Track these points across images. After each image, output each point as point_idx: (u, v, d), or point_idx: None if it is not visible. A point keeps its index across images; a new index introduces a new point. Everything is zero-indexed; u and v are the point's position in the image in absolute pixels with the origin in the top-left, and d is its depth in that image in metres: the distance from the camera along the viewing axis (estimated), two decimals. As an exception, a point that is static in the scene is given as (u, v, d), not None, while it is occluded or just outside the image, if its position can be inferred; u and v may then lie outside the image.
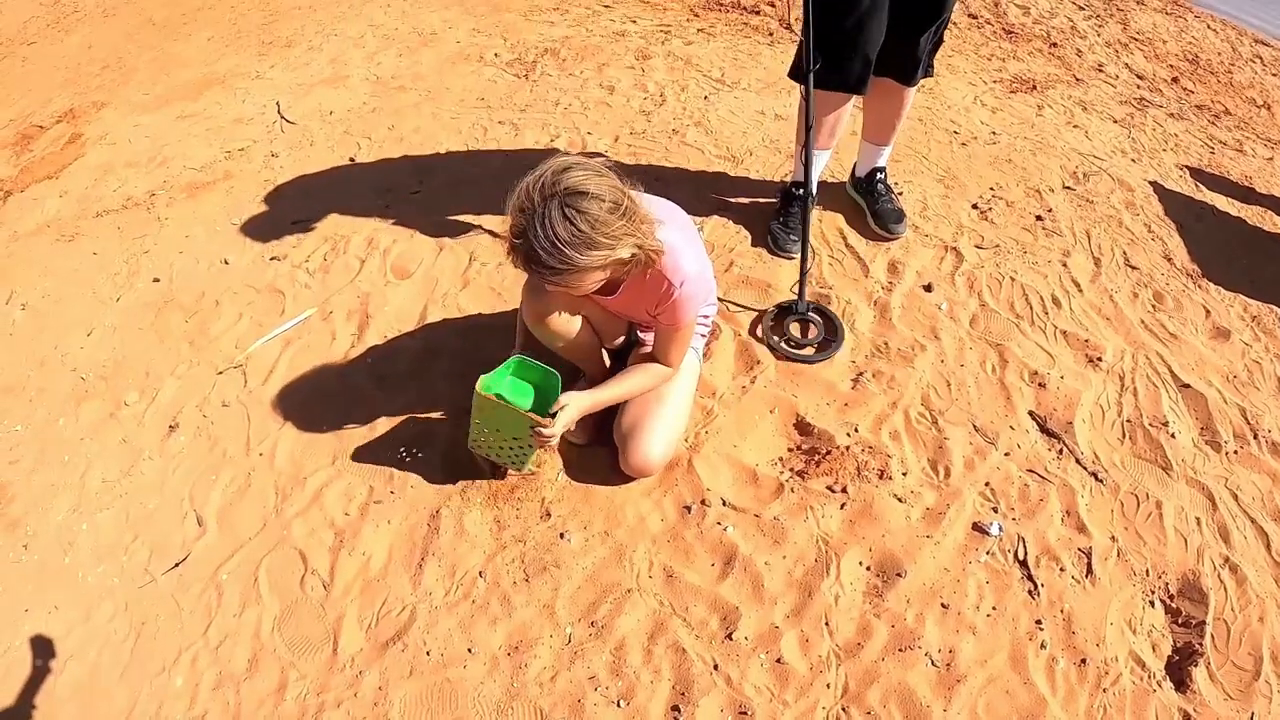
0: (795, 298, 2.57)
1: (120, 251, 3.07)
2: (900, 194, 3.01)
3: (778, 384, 2.35)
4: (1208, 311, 2.62)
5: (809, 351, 2.44)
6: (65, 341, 2.69)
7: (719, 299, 2.53)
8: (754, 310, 2.58)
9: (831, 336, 2.48)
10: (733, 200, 3.05)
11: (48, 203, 3.50)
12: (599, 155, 3.35)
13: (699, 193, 3.09)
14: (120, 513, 2.16)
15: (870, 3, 2.29)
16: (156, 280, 2.90)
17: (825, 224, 2.91)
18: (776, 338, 2.47)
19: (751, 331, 2.51)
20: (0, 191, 3.67)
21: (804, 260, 2.57)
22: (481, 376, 1.90)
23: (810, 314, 2.54)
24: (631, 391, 2.00)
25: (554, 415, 1.85)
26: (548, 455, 2.19)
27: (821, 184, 2.92)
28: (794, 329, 2.50)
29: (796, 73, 2.52)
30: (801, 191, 2.81)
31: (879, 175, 2.89)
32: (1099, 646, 1.78)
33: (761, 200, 3.03)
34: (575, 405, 1.89)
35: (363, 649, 1.84)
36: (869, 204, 2.90)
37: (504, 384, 1.99)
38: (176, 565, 2.02)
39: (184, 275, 2.90)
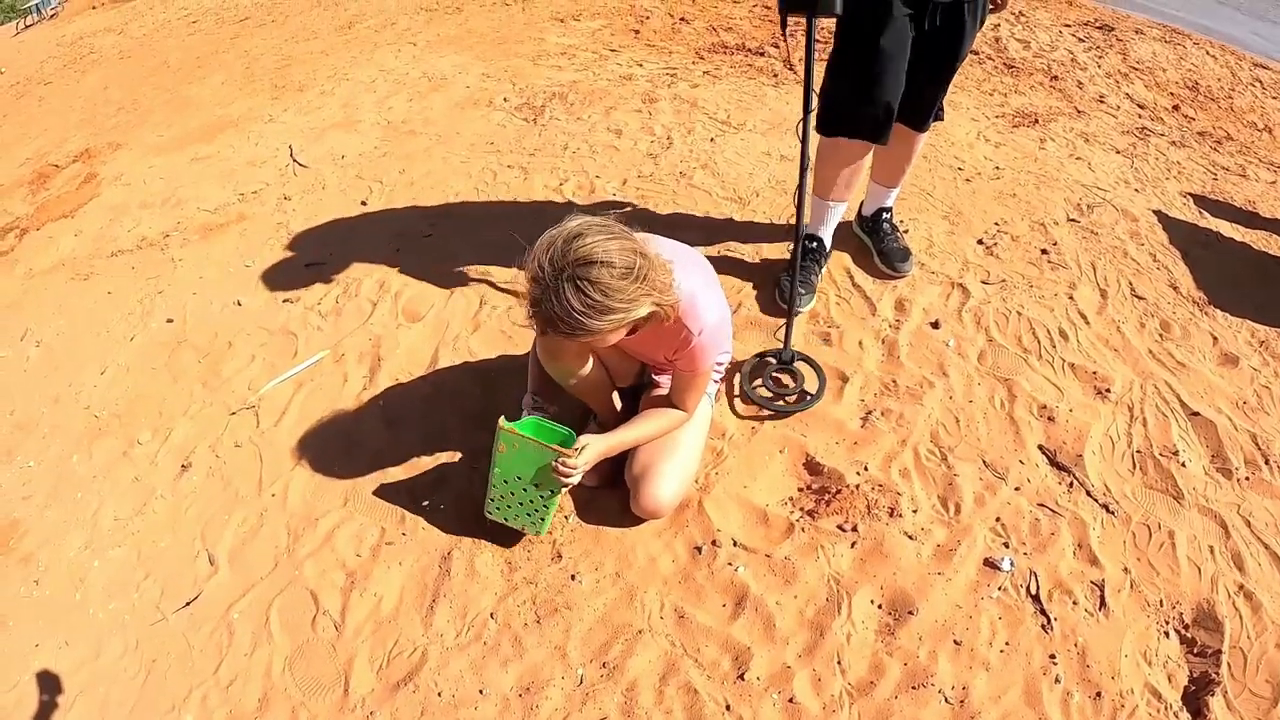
0: (780, 346, 2.54)
1: (134, 291, 3.11)
2: (906, 232, 3.04)
3: (787, 424, 2.36)
4: (1215, 339, 2.62)
5: (784, 403, 2.42)
6: (79, 379, 2.72)
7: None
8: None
9: (812, 390, 2.44)
10: (741, 242, 3.09)
11: (63, 241, 3.55)
12: (616, 204, 3.39)
13: (707, 235, 3.12)
14: (132, 550, 2.17)
15: (892, 50, 2.28)
16: (170, 320, 2.93)
17: (832, 263, 2.93)
18: (753, 384, 2.45)
19: (729, 381, 2.49)
20: (16, 230, 3.73)
21: (791, 304, 2.51)
22: (503, 418, 1.92)
23: (795, 364, 2.50)
24: (648, 436, 2.01)
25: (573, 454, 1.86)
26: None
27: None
28: (775, 378, 2.48)
29: (818, 123, 2.50)
30: (815, 245, 2.81)
31: (885, 215, 2.91)
32: (1114, 679, 1.76)
33: (769, 241, 3.06)
34: (594, 448, 1.90)
35: (374, 690, 1.83)
36: (875, 243, 2.92)
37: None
38: (188, 604, 2.02)
39: (197, 316, 2.94)
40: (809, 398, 2.41)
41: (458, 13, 6.38)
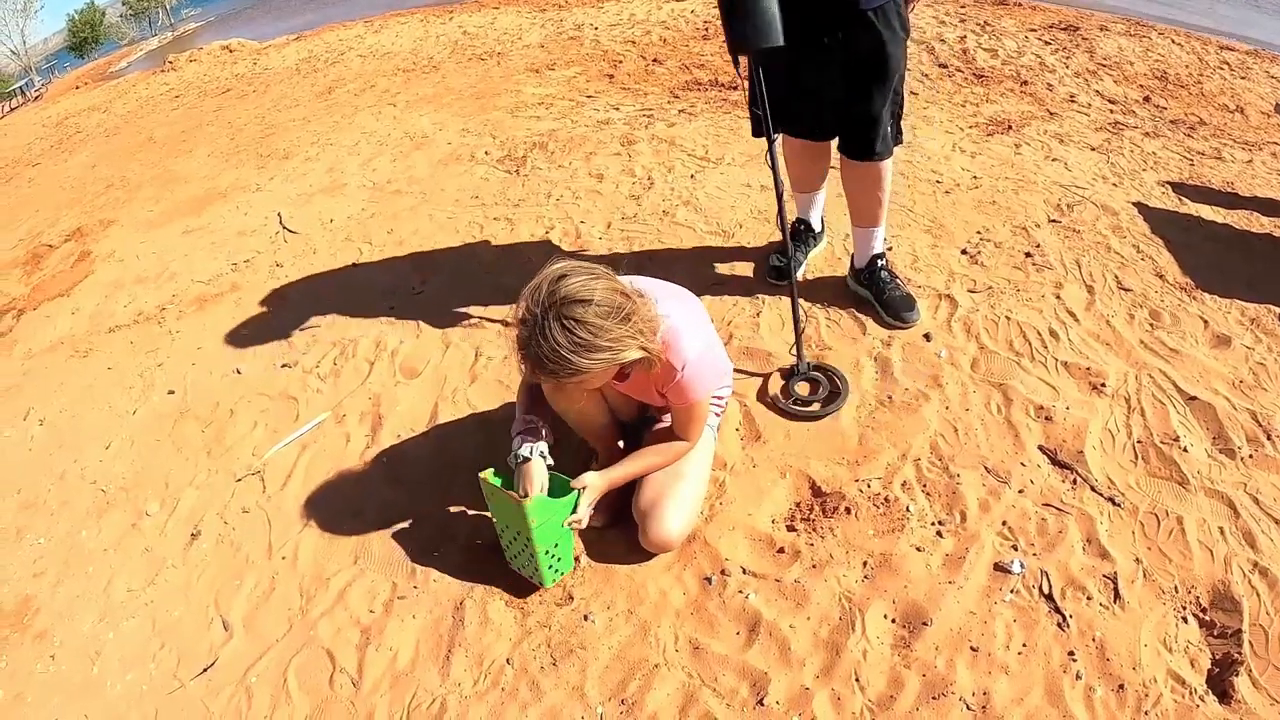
0: (795, 360, 2.60)
1: (134, 365, 3.14)
2: (890, 249, 3.06)
3: (786, 448, 2.37)
4: (1205, 322, 2.64)
5: (816, 408, 2.48)
6: (84, 455, 2.74)
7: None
8: (757, 376, 2.62)
9: (837, 390, 2.52)
10: (728, 274, 3.13)
11: (60, 320, 3.59)
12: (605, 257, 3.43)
13: (694, 270, 3.17)
14: (146, 621, 2.17)
15: (805, 59, 2.37)
16: (171, 392, 2.96)
17: (818, 285, 2.95)
18: (784, 399, 2.51)
19: (760, 398, 2.54)
20: (14, 311, 3.77)
21: (796, 320, 2.57)
22: (490, 468, 1.99)
23: (813, 372, 2.58)
24: (650, 467, 2.04)
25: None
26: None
27: (820, 280, 2.92)
28: (799, 388, 2.55)
29: (758, 130, 2.60)
30: (803, 227, 2.89)
31: (880, 263, 2.83)
32: (1135, 670, 1.75)
33: (756, 272, 3.10)
34: (593, 487, 1.95)
35: (396, 743, 1.83)
36: (876, 295, 2.82)
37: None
38: (205, 670, 2.02)
39: (198, 386, 2.96)
40: (838, 397, 2.49)
41: (434, 71, 6.51)
